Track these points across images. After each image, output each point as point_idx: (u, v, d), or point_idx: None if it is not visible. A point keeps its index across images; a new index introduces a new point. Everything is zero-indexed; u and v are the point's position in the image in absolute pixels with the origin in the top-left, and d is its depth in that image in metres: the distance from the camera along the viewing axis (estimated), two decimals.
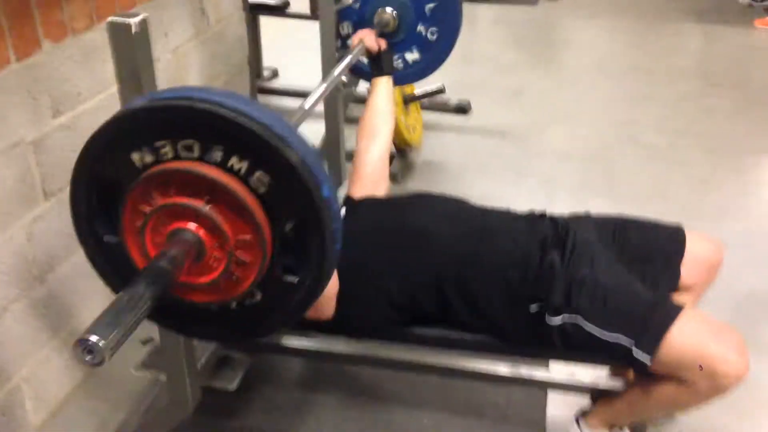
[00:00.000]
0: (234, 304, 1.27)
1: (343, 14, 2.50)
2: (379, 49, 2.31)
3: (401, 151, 3.60)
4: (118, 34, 1.30)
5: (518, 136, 3.98)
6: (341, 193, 2.39)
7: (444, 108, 4.25)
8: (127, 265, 1.24)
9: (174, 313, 1.31)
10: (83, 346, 0.95)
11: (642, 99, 4.47)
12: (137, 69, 1.34)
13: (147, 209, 1.17)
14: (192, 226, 1.15)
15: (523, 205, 3.04)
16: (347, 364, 2.21)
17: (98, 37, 2.21)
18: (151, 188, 1.17)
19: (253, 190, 1.15)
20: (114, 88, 2.27)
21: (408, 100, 3.59)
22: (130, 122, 1.20)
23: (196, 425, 2.08)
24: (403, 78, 2.59)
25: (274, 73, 4.69)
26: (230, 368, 2.14)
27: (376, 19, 2.45)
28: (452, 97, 4.30)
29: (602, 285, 1.70)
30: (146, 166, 1.18)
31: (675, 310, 1.64)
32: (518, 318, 1.75)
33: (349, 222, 1.95)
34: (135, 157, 1.19)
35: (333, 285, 1.74)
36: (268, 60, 4.56)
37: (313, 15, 3.27)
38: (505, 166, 3.65)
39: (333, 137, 2.66)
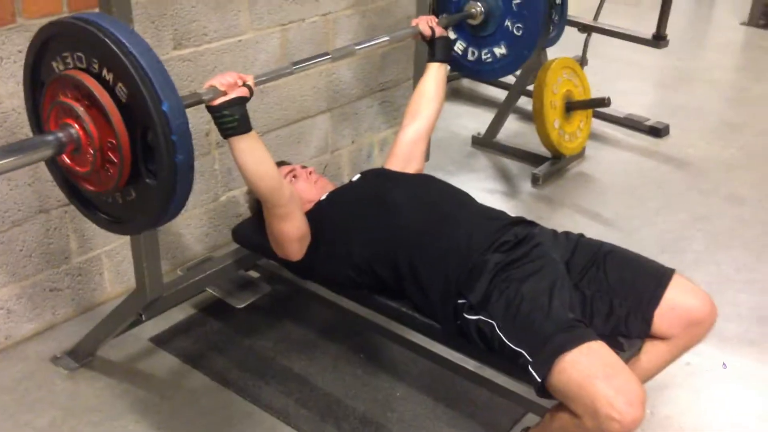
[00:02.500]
0: (119, 200, 1.55)
1: (442, 6, 2.59)
2: (433, 35, 2.35)
3: (555, 157, 3.55)
4: None
5: (699, 171, 3.67)
6: None
7: (638, 126, 4.07)
8: None
9: (82, 198, 1.66)
10: None
11: None
12: (110, 3, 1.63)
13: (52, 103, 1.51)
14: (73, 123, 1.46)
15: (642, 237, 2.93)
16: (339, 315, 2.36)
17: None
18: (57, 88, 1.49)
19: (118, 100, 1.40)
20: (243, 36, 2.67)
21: (570, 108, 3.52)
22: (49, 34, 1.52)
23: (217, 332, 2.41)
24: (491, 72, 2.61)
25: None
26: (247, 291, 2.43)
27: (465, 10, 2.50)
28: (652, 117, 4.11)
29: (521, 297, 1.66)
30: (59, 72, 1.50)
31: (577, 339, 1.56)
32: (449, 307, 1.78)
33: (353, 185, 2.11)
34: (54, 64, 1.51)
35: (295, 228, 1.91)
36: None
37: None
38: (657, 196, 3.42)
39: None
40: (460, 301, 1.75)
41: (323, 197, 2.09)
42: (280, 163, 2.29)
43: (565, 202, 3.35)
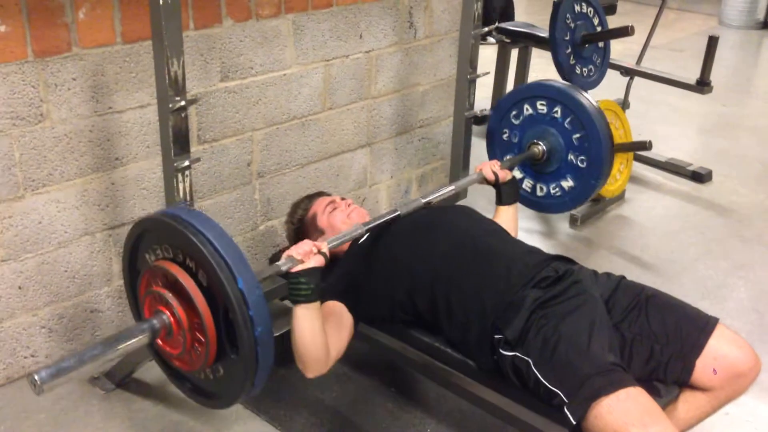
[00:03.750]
0: (210, 376, 1.63)
1: (504, 148, 2.63)
2: (497, 179, 2.35)
3: (594, 198, 3.53)
4: (153, 4, 1.65)
5: (742, 218, 3.61)
6: None
7: (680, 171, 4.03)
8: None
9: (179, 376, 1.74)
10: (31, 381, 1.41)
11: None
12: (162, 36, 1.67)
13: (146, 291, 1.64)
14: (165, 310, 1.57)
15: (682, 283, 2.90)
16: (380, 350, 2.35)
17: (282, 25, 2.64)
18: (150, 277, 1.62)
19: (200, 283, 1.51)
20: (288, 71, 2.73)
21: None
22: (141, 230, 1.67)
23: None
24: (563, 205, 2.62)
25: None
26: (282, 320, 2.43)
27: (527, 151, 2.54)
28: (694, 162, 4.08)
29: (558, 336, 1.65)
30: (151, 262, 1.63)
31: (615, 384, 1.54)
32: (484, 342, 1.77)
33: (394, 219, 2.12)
34: (147, 255, 1.64)
35: (344, 342, 1.90)
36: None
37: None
38: (699, 242, 3.37)
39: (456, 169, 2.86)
40: (496, 336, 1.74)
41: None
42: (320, 194, 2.32)
43: (603, 244, 3.33)
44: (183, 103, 1.79)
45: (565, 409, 1.57)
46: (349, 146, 3.07)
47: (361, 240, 2.08)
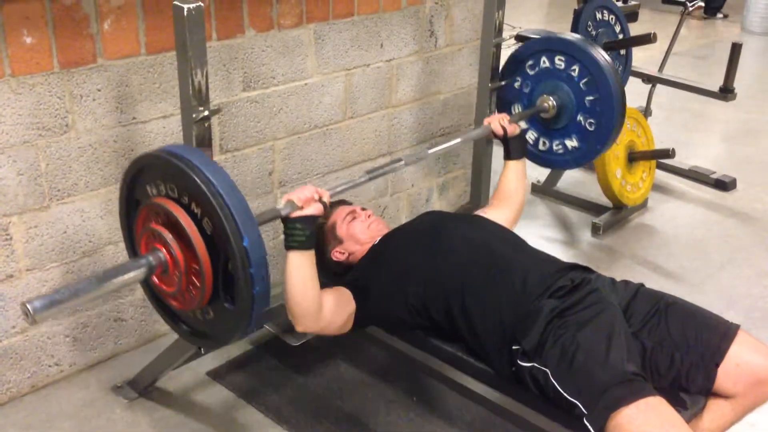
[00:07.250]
0: (199, 316, 1.66)
1: (513, 97, 2.62)
2: (506, 133, 2.35)
3: (616, 207, 3.51)
4: (177, 15, 1.66)
5: (767, 226, 3.56)
6: None
7: (703, 179, 3.99)
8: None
9: (169, 312, 1.77)
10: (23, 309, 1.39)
11: None
12: (186, 46, 1.69)
13: (144, 227, 1.64)
14: (162, 249, 1.57)
15: (706, 292, 2.87)
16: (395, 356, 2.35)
17: (304, 35, 2.66)
18: (149, 213, 1.62)
19: (203, 231, 1.52)
20: (309, 80, 2.75)
21: (633, 158, 3.49)
22: (147, 163, 1.65)
23: (272, 369, 2.44)
24: (563, 163, 2.63)
25: None
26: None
27: (538, 104, 2.53)
28: (718, 170, 4.04)
29: (576, 345, 1.64)
30: (152, 196, 1.62)
31: (635, 394, 1.53)
32: (503, 353, 1.77)
33: (409, 226, 2.13)
34: (148, 188, 1.64)
35: (338, 330, 1.90)
36: None
37: None
38: (723, 250, 3.33)
39: (477, 178, 2.83)
40: (514, 347, 1.74)
41: (377, 241, 2.11)
42: (340, 203, 2.33)
43: (626, 252, 3.30)
44: (206, 113, 1.81)
45: (585, 420, 1.56)
46: (370, 155, 3.07)
47: (375, 244, 2.08)
